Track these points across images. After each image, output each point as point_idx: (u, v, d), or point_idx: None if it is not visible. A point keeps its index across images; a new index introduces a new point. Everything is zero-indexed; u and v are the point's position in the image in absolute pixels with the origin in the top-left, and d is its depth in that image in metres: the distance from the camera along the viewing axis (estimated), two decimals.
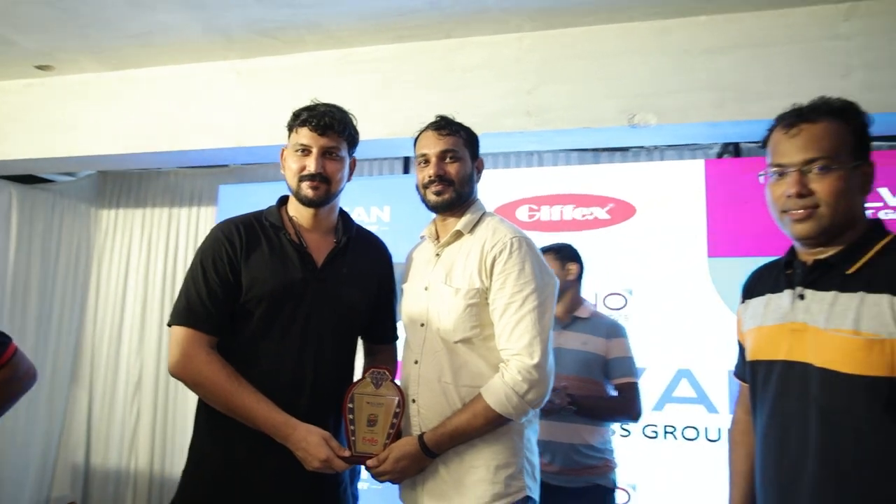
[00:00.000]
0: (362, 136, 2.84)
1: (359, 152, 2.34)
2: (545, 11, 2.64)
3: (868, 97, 2.37)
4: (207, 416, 1.61)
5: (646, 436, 2.95)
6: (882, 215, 2.77)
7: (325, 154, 1.66)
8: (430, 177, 1.71)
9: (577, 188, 3.24)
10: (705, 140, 3.06)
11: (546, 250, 2.36)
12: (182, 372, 1.56)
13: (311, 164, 1.64)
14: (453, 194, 1.70)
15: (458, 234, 1.72)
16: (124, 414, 4.15)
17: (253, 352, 1.59)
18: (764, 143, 1.42)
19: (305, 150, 1.65)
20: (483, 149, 1.87)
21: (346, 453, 1.56)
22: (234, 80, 3.14)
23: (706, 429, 2.90)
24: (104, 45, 3.02)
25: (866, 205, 1.36)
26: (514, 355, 1.57)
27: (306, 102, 2.37)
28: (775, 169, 1.33)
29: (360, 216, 3.46)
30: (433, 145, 1.72)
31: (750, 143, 3.08)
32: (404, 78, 2.92)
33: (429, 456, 1.58)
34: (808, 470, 1.24)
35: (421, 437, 1.58)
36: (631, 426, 2.93)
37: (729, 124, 2.60)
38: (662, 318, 2.98)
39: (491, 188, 3.10)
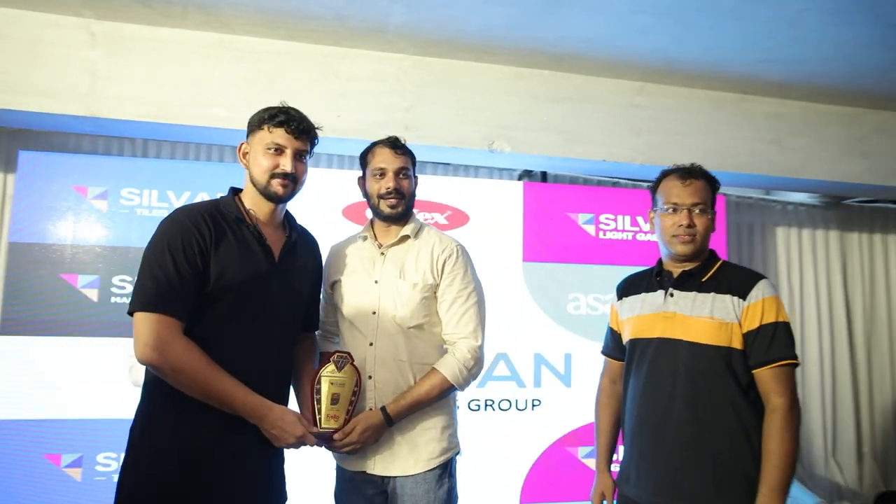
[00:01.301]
0: (241, 127, 2.90)
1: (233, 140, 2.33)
2: (426, 41, 3.03)
3: (650, 153, 3.28)
4: (171, 406, 1.61)
5: (470, 409, 3.52)
6: (640, 238, 3.75)
7: (297, 156, 1.78)
8: (387, 189, 1.98)
9: (421, 195, 3.66)
10: (543, 168, 3.73)
11: None
12: (159, 359, 1.54)
13: (286, 164, 1.74)
14: (404, 207, 2.00)
15: (405, 238, 2.03)
16: None
17: (217, 338, 1.64)
18: (655, 186, 2.05)
19: (279, 150, 1.75)
20: (353, 152, 2.12)
21: (315, 430, 1.75)
22: (86, 41, 2.85)
23: (516, 401, 3.57)
24: None
25: None
26: (462, 338, 1.96)
27: (177, 80, 2.42)
28: (671, 205, 1.96)
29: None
30: (391, 161, 1.99)
31: (563, 174, 3.85)
32: (289, 76, 3.02)
33: (388, 425, 1.87)
34: (676, 409, 1.88)
35: (383, 409, 1.86)
36: (460, 401, 3.47)
37: (560, 159, 3.31)
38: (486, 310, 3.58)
39: (345, 188, 3.34)
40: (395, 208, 1.98)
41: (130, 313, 1.60)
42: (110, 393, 3.10)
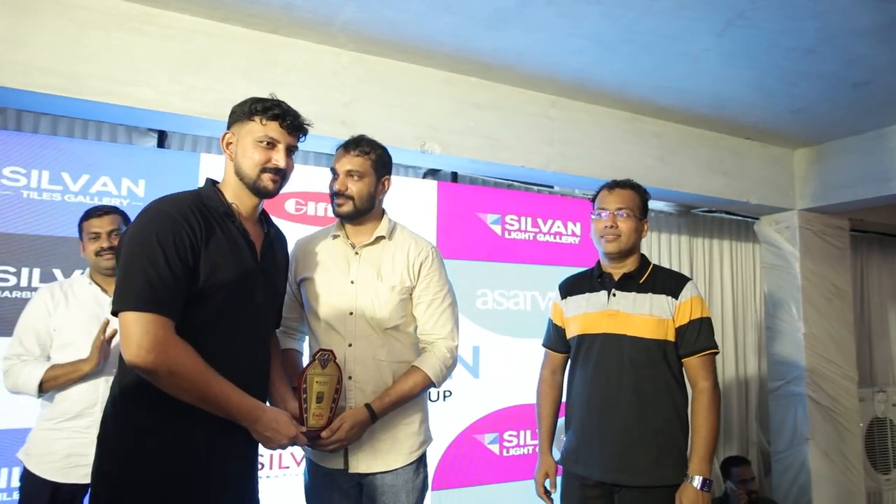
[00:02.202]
0: (167, 109, 2.73)
1: (164, 124, 2.22)
2: (368, 39, 3.03)
3: (561, 162, 3.59)
4: (155, 411, 1.53)
5: None
6: (540, 238, 4.06)
7: (288, 152, 1.74)
8: (335, 190, 2.03)
9: None
10: (470, 172, 3.88)
11: None
12: (155, 360, 1.44)
13: (280, 160, 1.70)
14: (352, 208, 2.01)
15: (379, 239, 2.06)
16: None
17: (209, 337, 1.58)
18: (593, 198, 2.32)
19: (272, 144, 1.69)
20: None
21: (304, 429, 1.77)
22: None
23: (429, 393, 3.71)
24: None
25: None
26: (441, 338, 2.07)
27: (95, 52, 2.40)
28: (599, 210, 2.27)
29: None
30: (342, 163, 2.02)
31: (489, 177, 4.03)
32: (224, 60, 2.85)
33: (372, 422, 1.93)
34: (623, 394, 2.17)
35: (368, 406, 1.91)
36: None
37: (482, 162, 3.48)
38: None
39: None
40: (341, 207, 2.01)
41: (115, 313, 1.48)
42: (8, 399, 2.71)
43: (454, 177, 4.11)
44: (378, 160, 2.05)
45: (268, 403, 1.79)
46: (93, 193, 2.96)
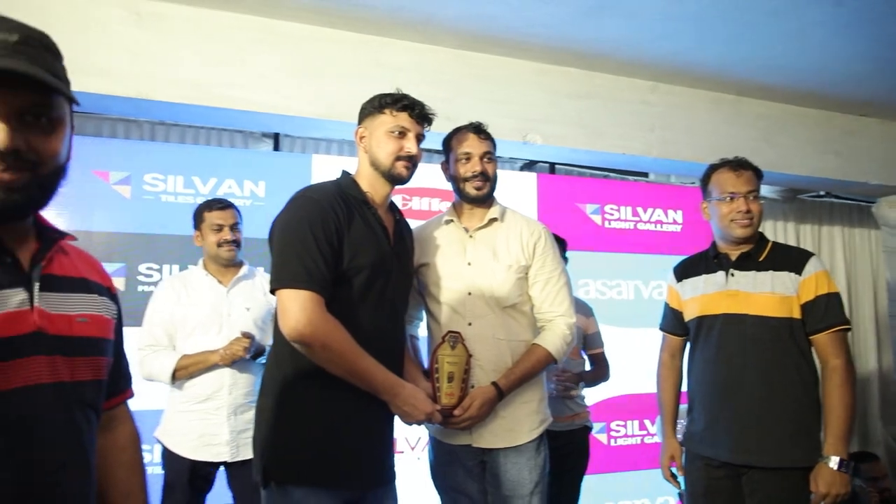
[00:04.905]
0: (284, 112, 2.92)
1: (279, 127, 2.29)
2: (467, 35, 3.14)
3: (662, 147, 3.55)
4: (311, 382, 1.65)
5: None
6: (675, 229, 4.03)
7: (418, 140, 1.84)
8: (473, 172, 2.05)
9: (443, 184, 3.76)
10: (568, 161, 3.93)
11: None
12: (311, 335, 1.57)
13: (411, 147, 1.80)
14: (489, 189, 2.08)
15: (492, 221, 2.11)
16: None
17: (352, 316, 1.67)
18: (706, 179, 2.28)
19: (403, 133, 1.80)
20: None
21: (439, 406, 1.85)
22: (132, 22, 2.75)
23: None
24: None
25: None
26: (560, 316, 2.10)
27: (218, 63, 2.55)
28: (727, 195, 2.19)
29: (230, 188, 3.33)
30: (476, 146, 2.07)
31: (572, 165, 4.06)
32: (335, 63, 3.04)
33: (500, 399, 1.98)
34: (748, 375, 2.11)
35: (495, 384, 1.97)
36: None
37: (582, 151, 3.51)
38: None
39: None
40: (481, 190, 2.06)
41: (273, 291, 1.62)
42: (142, 385, 3.00)
43: (551, 168, 4.15)
44: (495, 144, 2.15)
45: None
46: (220, 196, 3.21)
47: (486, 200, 2.11)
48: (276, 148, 3.57)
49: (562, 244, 2.99)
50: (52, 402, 0.86)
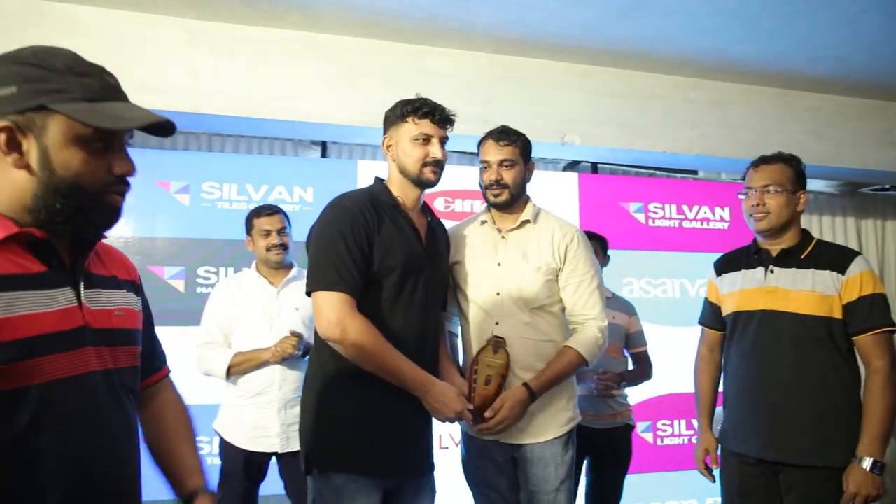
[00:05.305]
0: (329, 121, 3.05)
1: (326, 136, 2.36)
2: (504, 40, 3.21)
3: (704, 145, 3.51)
4: (347, 378, 1.73)
5: None
6: (722, 226, 3.98)
7: (442, 144, 1.88)
8: (490, 181, 2.08)
9: None
10: (609, 160, 3.95)
11: (592, 238, 2.89)
12: (342, 334, 1.66)
13: (437, 152, 1.85)
14: (508, 197, 2.08)
15: (525, 223, 2.13)
16: None
17: (385, 316, 1.76)
18: (743, 177, 2.27)
19: (427, 139, 1.84)
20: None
21: (471, 406, 1.89)
22: (186, 41, 2.95)
23: None
24: None
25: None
26: (592, 318, 2.10)
27: (267, 76, 2.63)
28: (746, 189, 2.19)
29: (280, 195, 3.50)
30: (494, 154, 2.09)
31: (617, 164, 4.07)
32: (371, 72, 3.16)
33: (532, 400, 1.99)
34: (782, 373, 2.08)
35: (526, 385, 1.97)
36: None
37: (621, 150, 3.52)
38: None
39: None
40: (499, 197, 2.08)
41: (309, 293, 1.73)
42: (201, 380, 3.19)
43: (594, 168, 4.16)
44: (524, 147, 2.14)
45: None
46: (271, 202, 3.39)
47: (508, 206, 2.12)
48: (324, 155, 3.73)
49: (602, 242, 3.00)
50: (102, 387, 0.98)
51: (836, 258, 2.12)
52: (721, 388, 2.39)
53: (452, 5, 2.84)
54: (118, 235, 3.19)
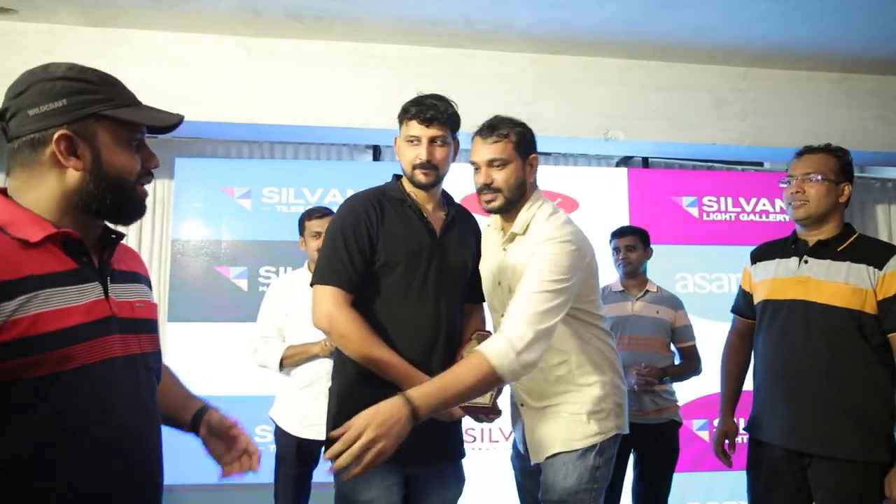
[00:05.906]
0: (378, 126, 3.18)
1: (377, 140, 2.48)
2: (544, 40, 3.26)
3: (756, 135, 3.43)
4: (357, 373, 1.78)
5: None
6: (772, 219, 3.88)
7: (432, 143, 1.80)
8: (479, 185, 1.86)
9: None
10: (651, 154, 3.93)
11: (633, 232, 2.96)
12: (328, 325, 1.73)
13: (422, 154, 1.79)
14: (503, 201, 1.84)
15: (514, 236, 1.90)
16: None
17: (392, 308, 1.79)
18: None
19: (416, 141, 1.80)
20: None
21: (464, 404, 1.80)
22: (243, 56, 3.19)
23: None
24: None
25: None
26: (510, 325, 1.77)
27: (321, 87, 2.71)
28: (788, 178, 2.15)
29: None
30: (481, 153, 1.85)
31: (666, 158, 4.02)
32: (420, 78, 3.29)
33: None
34: (809, 363, 2.03)
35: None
36: None
37: (668, 144, 3.48)
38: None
39: (463, 180, 3.58)
40: (491, 203, 1.87)
41: (312, 285, 1.82)
42: (260, 372, 3.40)
43: (645, 163, 4.12)
44: (520, 140, 1.85)
45: None
46: (326, 204, 3.56)
47: (504, 211, 1.90)
48: (376, 158, 3.90)
49: (642, 236, 3.00)
50: (125, 370, 1.09)
51: (874, 252, 2.06)
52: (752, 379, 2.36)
53: (486, 9, 2.93)
54: (187, 239, 3.46)
